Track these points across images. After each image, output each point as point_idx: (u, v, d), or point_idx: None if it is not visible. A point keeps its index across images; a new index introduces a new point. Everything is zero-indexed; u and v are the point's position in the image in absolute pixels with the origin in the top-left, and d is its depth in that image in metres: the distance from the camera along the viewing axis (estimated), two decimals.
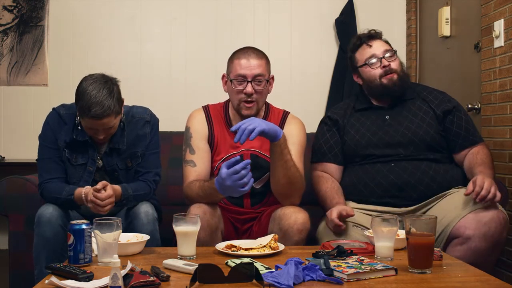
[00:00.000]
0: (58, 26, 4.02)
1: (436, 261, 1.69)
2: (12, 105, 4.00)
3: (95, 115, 2.03)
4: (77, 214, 2.21)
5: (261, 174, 2.23)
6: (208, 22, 4.09)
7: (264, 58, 2.21)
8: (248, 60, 2.16)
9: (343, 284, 1.49)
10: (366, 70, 2.39)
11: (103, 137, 2.14)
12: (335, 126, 2.43)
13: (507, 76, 2.73)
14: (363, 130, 2.37)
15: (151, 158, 2.29)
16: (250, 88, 2.15)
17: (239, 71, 2.16)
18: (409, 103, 2.41)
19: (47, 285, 1.47)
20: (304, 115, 4.14)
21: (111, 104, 2.04)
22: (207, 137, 2.26)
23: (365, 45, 2.41)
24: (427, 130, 2.32)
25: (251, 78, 2.15)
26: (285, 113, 2.34)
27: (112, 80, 2.12)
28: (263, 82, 2.18)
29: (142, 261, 1.72)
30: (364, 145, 2.33)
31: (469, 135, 2.34)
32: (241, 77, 2.16)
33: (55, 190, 2.13)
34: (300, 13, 4.13)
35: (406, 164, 2.27)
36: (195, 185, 2.11)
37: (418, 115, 2.36)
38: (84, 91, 2.04)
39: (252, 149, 2.25)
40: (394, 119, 2.37)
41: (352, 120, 2.42)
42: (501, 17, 2.77)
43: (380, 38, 2.44)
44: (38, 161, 2.23)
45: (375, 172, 2.28)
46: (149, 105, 2.42)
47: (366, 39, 2.42)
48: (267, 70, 2.21)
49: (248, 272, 1.48)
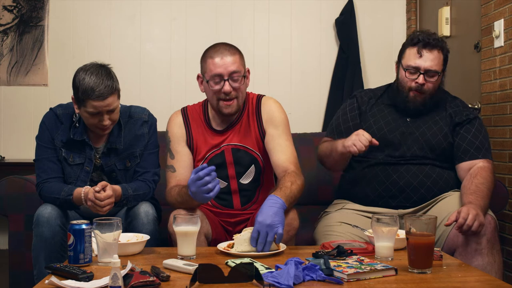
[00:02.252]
0: (58, 26, 4.03)
1: (436, 261, 1.69)
2: (12, 105, 4.00)
3: (99, 94, 2.03)
4: (75, 214, 2.21)
5: (244, 169, 2.19)
6: (208, 22, 4.09)
7: (237, 53, 2.13)
8: (221, 58, 2.08)
9: (343, 284, 1.49)
10: (402, 73, 2.29)
11: (108, 124, 2.11)
12: (359, 109, 2.39)
13: (507, 76, 2.73)
14: (382, 123, 2.33)
15: (149, 158, 2.29)
16: (227, 87, 2.08)
17: (214, 70, 2.08)
18: (435, 112, 2.33)
19: (47, 285, 1.47)
20: (304, 115, 4.17)
21: (112, 83, 2.07)
22: (185, 139, 2.21)
23: (417, 50, 2.25)
24: (440, 140, 2.27)
25: (227, 76, 2.08)
26: (258, 97, 2.25)
27: (106, 65, 2.14)
28: (240, 78, 2.11)
29: (142, 261, 1.72)
30: (378, 139, 2.25)
31: (470, 149, 2.25)
32: (217, 77, 2.08)
33: (54, 191, 2.12)
34: (300, 13, 4.13)
35: (410, 166, 2.25)
36: (174, 190, 2.08)
37: (438, 123, 2.30)
38: (83, 78, 2.06)
39: (233, 144, 2.19)
40: (414, 122, 2.32)
41: (375, 109, 2.37)
42: (501, 17, 2.77)
43: (438, 48, 2.25)
44: (36, 161, 2.23)
45: (379, 170, 2.27)
46: (149, 105, 2.42)
47: (422, 45, 2.24)
48: (242, 64, 2.13)
49: (248, 272, 1.48)
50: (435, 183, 2.25)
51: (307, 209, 2.58)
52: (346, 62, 4.01)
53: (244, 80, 2.14)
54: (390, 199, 2.25)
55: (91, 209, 2.06)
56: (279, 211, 1.84)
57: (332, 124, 2.45)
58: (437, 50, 2.25)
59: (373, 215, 1.84)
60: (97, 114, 2.08)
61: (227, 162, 2.19)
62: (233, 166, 2.19)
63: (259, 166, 2.21)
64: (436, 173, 2.26)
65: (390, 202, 2.25)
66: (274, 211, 1.83)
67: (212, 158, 2.19)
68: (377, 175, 2.27)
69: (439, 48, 2.25)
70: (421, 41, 2.24)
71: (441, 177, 2.26)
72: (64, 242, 2.03)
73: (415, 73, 2.25)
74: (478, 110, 3.02)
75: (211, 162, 2.17)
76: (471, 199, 2.07)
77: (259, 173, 2.22)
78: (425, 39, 2.24)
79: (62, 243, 2.04)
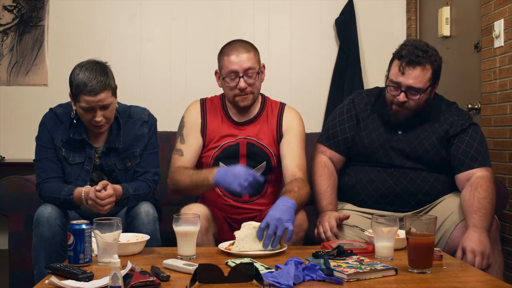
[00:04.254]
0: (58, 26, 4.02)
1: (436, 261, 1.69)
2: (12, 105, 4.00)
3: (91, 89, 2.05)
4: (75, 214, 2.21)
5: (257, 163, 2.24)
6: (208, 22, 4.09)
7: (252, 50, 2.22)
8: (237, 56, 2.17)
9: (343, 284, 1.49)
10: (387, 87, 2.22)
11: (101, 120, 2.11)
12: (356, 118, 2.34)
13: (507, 76, 2.73)
14: (374, 135, 2.28)
15: (149, 158, 2.29)
16: (243, 83, 2.16)
17: (229, 67, 2.16)
18: (427, 124, 2.26)
19: (47, 285, 1.47)
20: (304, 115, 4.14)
21: (105, 79, 2.09)
22: (199, 128, 2.27)
23: (399, 67, 2.15)
24: (431, 157, 2.22)
25: (243, 72, 2.16)
26: (282, 104, 2.35)
27: (104, 63, 2.16)
28: (255, 74, 2.18)
29: (142, 261, 1.72)
30: (370, 152, 2.27)
31: (465, 159, 2.18)
32: (233, 73, 2.17)
33: (54, 190, 2.12)
34: (300, 13, 4.13)
35: (407, 171, 2.23)
36: (185, 172, 2.16)
37: (430, 138, 2.23)
38: (77, 74, 2.09)
39: (249, 137, 2.26)
40: (405, 136, 2.25)
41: (369, 120, 2.32)
42: (501, 17, 2.77)
43: (425, 64, 2.13)
44: (36, 161, 2.23)
45: (375, 175, 2.25)
46: (149, 105, 2.42)
47: (406, 62, 2.13)
48: (257, 61, 2.21)
49: (248, 272, 1.48)
50: (433, 187, 2.22)
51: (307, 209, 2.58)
52: (346, 62, 4.01)
53: (259, 76, 2.21)
54: (388, 205, 2.23)
55: (92, 208, 2.06)
56: (290, 209, 1.90)
57: (328, 131, 2.38)
58: (422, 67, 2.13)
59: (373, 215, 1.84)
60: (90, 110, 2.09)
61: (240, 155, 2.24)
62: (245, 159, 2.24)
63: (270, 164, 2.26)
64: (433, 177, 2.23)
65: (387, 207, 2.23)
66: (285, 209, 1.88)
67: (227, 148, 2.24)
68: (372, 180, 2.25)
69: (426, 63, 2.13)
70: (405, 57, 2.13)
71: (438, 181, 2.24)
72: (64, 242, 2.03)
73: (396, 89, 2.17)
74: (478, 110, 3.02)
75: (225, 151, 2.24)
76: (476, 221, 2.02)
77: (269, 170, 2.27)
78: (411, 55, 2.12)
79: (62, 243, 2.04)
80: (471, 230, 2.00)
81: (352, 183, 2.30)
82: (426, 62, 2.14)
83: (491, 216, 2.08)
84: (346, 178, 2.34)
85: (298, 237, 2.02)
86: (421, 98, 2.17)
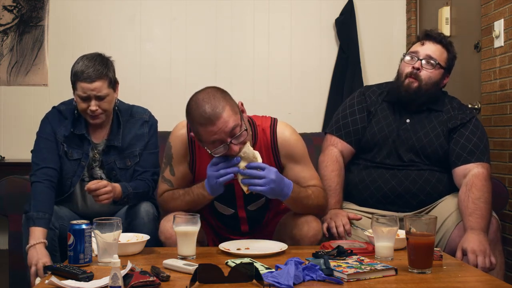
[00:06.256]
0: (58, 26, 4.02)
1: (436, 261, 1.69)
2: (12, 105, 4.00)
3: (87, 76, 2.09)
4: (68, 212, 2.21)
5: (255, 199, 2.07)
6: (208, 22, 4.09)
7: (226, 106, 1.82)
8: (214, 124, 1.78)
9: (343, 284, 1.49)
10: (401, 63, 2.30)
11: (95, 110, 2.13)
12: (367, 110, 2.34)
13: (507, 76, 2.73)
14: (384, 123, 2.29)
15: (149, 157, 2.30)
16: (235, 148, 1.83)
17: (211, 138, 1.81)
18: (434, 115, 2.28)
19: (47, 285, 1.47)
20: (304, 115, 4.16)
21: (103, 69, 2.13)
22: (187, 160, 2.05)
23: (420, 39, 2.28)
24: (436, 149, 2.23)
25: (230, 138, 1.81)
26: (271, 126, 2.04)
27: (106, 56, 2.21)
28: (243, 131, 1.84)
29: (142, 261, 1.72)
30: (378, 140, 2.26)
31: (463, 153, 2.19)
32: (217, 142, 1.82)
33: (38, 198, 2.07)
34: (300, 13, 4.13)
35: (409, 171, 2.23)
36: (174, 195, 2.02)
37: (435, 129, 2.25)
38: (77, 62, 2.15)
39: None
40: (413, 125, 2.27)
41: (379, 109, 2.32)
42: (501, 17, 2.77)
43: (444, 45, 2.25)
44: (33, 152, 2.21)
45: (377, 175, 2.25)
46: (149, 105, 2.43)
47: (428, 37, 2.27)
48: (235, 115, 1.83)
49: (248, 272, 1.48)
50: (435, 188, 2.23)
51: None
52: (346, 62, 4.01)
53: (245, 126, 1.86)
54: (389, 204, 2.24)
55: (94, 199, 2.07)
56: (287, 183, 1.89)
57: (339, 122, 2.35)
58: (442, 46, 2.25)
59: (373, 215, 1.84)
60: (86, 99, 2.12)
61: (237, 196, 2.06)
62: (242, 199, 2.06)
63: (270, 199, 2.05)
64: (435, 178, 2.23)
65: (389, 207, 2.24)
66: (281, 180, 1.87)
67: None
68: (375, 180, 2.25)
69: (444, 45, 2.25)
70: (428, 34, 2.26)
71: (440, 182, 2.24)
72: (54, 242, 2.06)
73: (413, 58, 2.24)
74: (478, 110, 3.02)
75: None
76: (472, 223, 2.03)
77: (269, 201, 2.11)
78: (434, 34, 2.26)
79: (52, 243, 2.05)
80: (469, 232, 2.01)
81: (355, 182, 2.31)
82: (445, 46, 2.25)
83: (488, 216, 2.07)
84: (349, 177, 2.34)
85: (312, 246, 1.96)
86: (434, 74, 2.22)
